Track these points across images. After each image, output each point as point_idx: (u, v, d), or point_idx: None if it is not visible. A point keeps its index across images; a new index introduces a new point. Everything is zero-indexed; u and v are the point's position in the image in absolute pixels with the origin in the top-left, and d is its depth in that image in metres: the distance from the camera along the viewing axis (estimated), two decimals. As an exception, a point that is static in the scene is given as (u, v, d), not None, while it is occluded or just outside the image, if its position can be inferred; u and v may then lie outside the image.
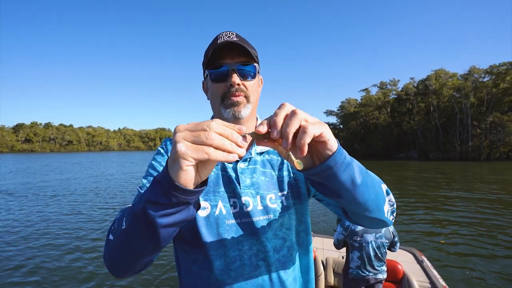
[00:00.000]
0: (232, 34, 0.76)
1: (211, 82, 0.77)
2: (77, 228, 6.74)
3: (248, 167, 0.80)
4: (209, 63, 0.76)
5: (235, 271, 0.72)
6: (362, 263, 2.40)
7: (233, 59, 0.75)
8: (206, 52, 0.79)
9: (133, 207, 0.54)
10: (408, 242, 5.63)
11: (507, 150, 38.38)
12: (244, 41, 0.77)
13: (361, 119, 65.61)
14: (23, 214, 8.14)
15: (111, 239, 0.59)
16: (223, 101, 0.76)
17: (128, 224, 0.54)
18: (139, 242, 0.54)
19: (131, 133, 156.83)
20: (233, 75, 0.74)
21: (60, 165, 30.39)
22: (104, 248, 0.63)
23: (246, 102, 0.77)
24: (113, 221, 0.65)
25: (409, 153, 51.20)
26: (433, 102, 48.10)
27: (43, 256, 4.99)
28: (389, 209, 0.67)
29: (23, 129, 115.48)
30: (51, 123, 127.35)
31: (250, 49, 0.75)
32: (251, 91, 0.78)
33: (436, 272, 2.75)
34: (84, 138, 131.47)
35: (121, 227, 0.56)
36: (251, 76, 0.78)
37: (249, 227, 0.74)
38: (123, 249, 0.57)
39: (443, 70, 49.79)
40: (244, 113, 0.76)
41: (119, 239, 0.57)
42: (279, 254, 0.76)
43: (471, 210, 8.42)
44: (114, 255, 0.59)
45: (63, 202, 9.99)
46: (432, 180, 15.99)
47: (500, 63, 41.80)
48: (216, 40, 0.76)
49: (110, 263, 0.61)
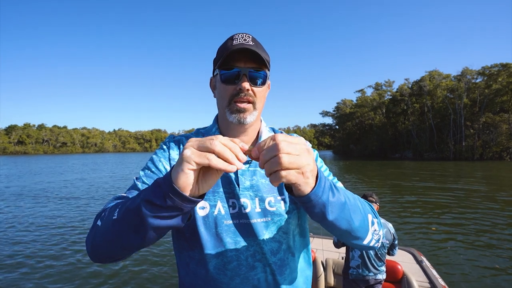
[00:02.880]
0: (248, 37, 0.76)
1: (220, 82, 0.77)
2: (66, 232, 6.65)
3: (249, 169, 0.80)
4: (221, 63, 0.75)
5: (231, 271, 0.74)
6: (363, 262, 2.39)
7: (246, 63, 0.74)
8: (220, 50, 0.78)
9: (128, 202, 0.56)
10: (407, 240, 5.69)
11: (499, 149, 39.02)
12: (259, 46, 0.77)
13: (356, 120, 66.13)
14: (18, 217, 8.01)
15: (99, 225, 0.61)
16: (229, 105, 0.76)
17: (120, 216, 0.56)
18: (126, 236, 0.56)
19: (126, 135, 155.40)
20: (243, 80, 0.73)
21: (54, 169, 29.93)
22: (89, 231, 0.64)
23: (253, 109, 0.77)
24: (103, 208, 0.66)
25: (404, 153, 51.73)
26: (427, 102, 48.74)
27: (43, 257, 4.92)
28: (374, 237, 0.69)
29: (16, 131, 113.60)
30: (44, 125, 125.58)
31: (264, 56, 0.75)
32: (259, 97, 0.78)
33: (436, 272, 2.78)
34: (79, 139, 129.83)
35: (112, 216, 0.57)
36: (261, 82, 0.77)
37: (247, 228, 0.75)
38: (109, 237, 0.58)
39: (437, 71, 50.49)
40: (249, 120, 0.76)
41: (108, 227, 0.58)
42: (276, 257, 0.76)
43: (468, 208, 8.54)
44: (98, 241, 0.61)
45: (66, 204, 9.85)
46: (427, 179, 16.16)
47: (492, 64, 42.61)
48: (232, 41, 0.75)
49: (92, 247, 0.62)
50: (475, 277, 4.20)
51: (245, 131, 0.81)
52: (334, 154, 77.84)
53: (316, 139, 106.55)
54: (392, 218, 7.61)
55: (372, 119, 61.91)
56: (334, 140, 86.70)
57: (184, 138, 0.86)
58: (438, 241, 5.82)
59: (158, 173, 0.77)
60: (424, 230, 6.61)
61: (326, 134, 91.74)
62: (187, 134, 0.88)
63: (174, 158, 0.81)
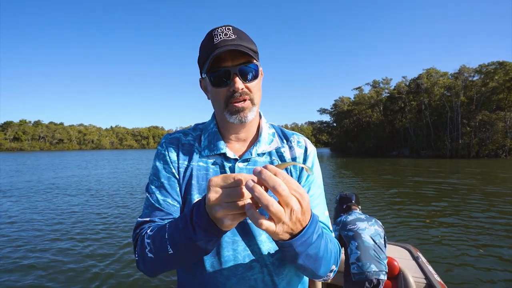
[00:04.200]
0: (228, 30, 0.70)
1: (211, 85, 0.73)
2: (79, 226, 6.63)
3: (247, 167, 0.78)
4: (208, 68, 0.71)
5: (228, 271, 0.73)
6: (362, 253, 2.23)
7: (233, 61, 0.69)
8: (202, 51, 0.73)
9: (173, 236, 0.59)
10: (403, 236, 5.74)
11: (495, 147, 39.37)
12: (243, 37, 0.72)
13: (354, 117, 66.27)
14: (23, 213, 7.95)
15: (152, 257, 0.64)
16: (227, 107, 0.73)
17: (176, 251, 0.59)
18: (190, 261, 0.63)
19: (123, 131, 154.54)
20: (235, 80, 0.69)
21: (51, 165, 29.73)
22: (139, 261, 0.69)
23: (251, 106, 0.74)
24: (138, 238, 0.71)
25: (401, 151, 52.01)
26: (424, 100, 48.95)
27: (42, 257, 4.90)
28: (328, 274, 0.70)
29: (12, 127, 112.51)
30: (40, 121, 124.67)
31: (250, 47, 0.71)
32: (255, 91, 0.74)
33: (432, 268, 2.80)
34: (75, 136, 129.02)
35: (167, 251, 0.60)
36: (254, 76, 0.73)
37: (244, 228, 0.74)
38: (171, 266, 0.65)
39: (434, 69, 50.65)
40: (250, 117, 0.75)
41: (167, 260, 0.62)
42: (274, 258, 0.75)
43: (465, 204, 8.62)
44: (158, 268, 0.66)
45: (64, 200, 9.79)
46: (424, 176, 16.28)
47: (489, 62, 42.77)
48: (212, 39, 0.70)
49: (152, 273, 0.69)
50: (471, 272, 4.25)
51: (245, 127, 0.80)
52: (331, 151, 78.04)
53: (313, 136, 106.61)
54: (388, 214, 7.67)
55: (369, 116, 62.06)
56: (331, 137, 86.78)
57: (182, 135, 0.84)
58: (434, 237, 5.87)
59: (168, 182, 0.77)
60: (420, 226, 6.66)
61: (323, 131, 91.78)
62: (185, 130, 0.86)
63: (174, 160, 0.79)
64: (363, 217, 2.46)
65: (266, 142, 0.82)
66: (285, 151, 0.83)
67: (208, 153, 0.79)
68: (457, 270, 4.36)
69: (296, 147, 0.84)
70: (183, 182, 0.78)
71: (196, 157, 0.79)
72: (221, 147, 0.78)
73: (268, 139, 0.83)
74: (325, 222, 0.81)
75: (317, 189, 0.82)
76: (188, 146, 0.81)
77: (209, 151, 0.79)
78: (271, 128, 0.87)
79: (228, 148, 0.80)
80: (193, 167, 0.78)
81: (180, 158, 0.79)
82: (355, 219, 2.39)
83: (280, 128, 0.89)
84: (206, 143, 0.80)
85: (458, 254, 4.96)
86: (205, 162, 0.78)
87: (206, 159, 0.79)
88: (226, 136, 0.81)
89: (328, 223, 0.82)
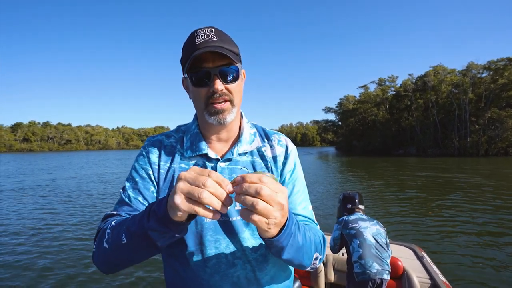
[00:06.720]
0: (210, 31, 0.71)
1: (192, 85, 0.74)
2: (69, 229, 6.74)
3: (229, 167, 0.79)
4: (189, 67, 0.72)
5: (211, 268, 0.75)
6: (364, 250, 2.21)
7: (214, 62, 0.71)
8: (185, 51, 0.74)
9: (132, 226, 0.60)
10: (408, 236, 5.67)
11: (505, 145, 38.58)
12: (224, 39, 0.73)
13: (359, 116, 65.66)
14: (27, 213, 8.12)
15: (107, 247, 0.64)
16: (206, 107, 0.74)
17: (129, 241, 0.60)
18: (140, 255, 0.63)
19: (129, 132, 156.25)
20: (215, 81, 0.70)
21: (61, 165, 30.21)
22: (95, 252, 0.69)
23: (231, 107, 0.75)
24: (100, 227, 0.72)
25: (408, 149, 51.34)
26: (431, 98, 48.20)
27: (41, 258, 5.00)
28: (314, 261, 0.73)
29: (21, 128, 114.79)
30: (49, 122, 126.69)
31: (232, 49, 0.72)
32: (235, 93, 0.75)
33: (436, 267, 2.76)
34: (83, 137, 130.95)
35: (121, 241, 0.61)
36: (234, 78, 0.74)
37: (226, 226, 0.76)
38: (121, 257, 0.64)
39: (442, 66, 49.86)
40: (229, 119, 0.75)
41: (119, 250, 0.62)
42: (257, 254, 0.77)
43: (472, 203, 8.48)
44: (110, 261, 0.66)
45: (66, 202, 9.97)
46: (430, 176, 16.05)
47: (498, 58, 41.96)
48: (194, 39, 0.71)
49: (104, 266, 0.68)
50: (476, 272, 4.19)
51: (226, 127, 0.80)
52: (336, 150, 77.48)
53: (318, 135, 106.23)
54: (392, 213, 7.60)
55: (375, 115, 61.38)
56: (337, 136, 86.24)
57: (164, 137, 0.85)
58: (439, 237, 5.79)
59: (142, 182, 0.79)
60: (424, 225, 6.59)
61: (329, 130, 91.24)
62: (167, 132, 0.88)
63: (154, 161, 0.81)
64: (365, 217, 2.49)
65: (247, 142, 0.83)
66: (266, 150, 0.84)
67: (190, 154, 0.80)
68: (463, 270, 4.30)
69: (277, 146, 0.85)
70: (164, 184, 0.79)
71: (178, 158, 0.81)
72: (202, 147, 0.79)
73: (249, 138, 0.84)
74: (309, 216, 0.84)
75: (301, 186, 0.86)
76: (170, 148, 0.83)
77: (191, 152, 0.80)
78: (252, 127, 0.88)
79: (210, 148, 0.81)
80: (175, 169, 0.79)
81: (162, 160, 0.81)
82: (357, 218, 2.39)
83: (262, 128, 0.91)
84: (189, 144, 0.82)
85: (464, 254, 4.88)
86: (187, 164, 0.80)
87: (188, 160, 0.80)
88: (207, 136, 0.82)
89: (313, 217, 0.85)
